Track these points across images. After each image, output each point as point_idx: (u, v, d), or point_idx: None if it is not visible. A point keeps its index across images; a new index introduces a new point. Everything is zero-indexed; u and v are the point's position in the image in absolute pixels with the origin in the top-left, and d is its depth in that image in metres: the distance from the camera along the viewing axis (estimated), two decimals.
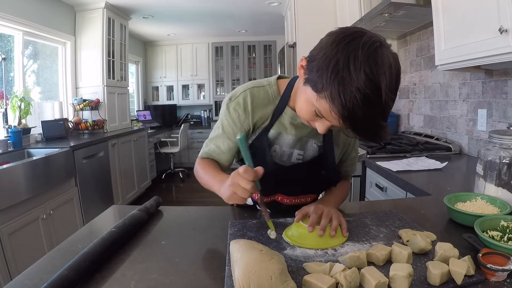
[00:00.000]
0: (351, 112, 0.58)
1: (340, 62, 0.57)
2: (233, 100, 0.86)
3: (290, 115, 0.85)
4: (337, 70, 0.57)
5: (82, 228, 0.93)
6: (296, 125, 0.86)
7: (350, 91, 0.56)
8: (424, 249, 0.67)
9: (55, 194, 2.50)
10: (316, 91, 0.62)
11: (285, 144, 0.88)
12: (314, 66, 0.62)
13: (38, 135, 3.14)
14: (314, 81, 0.62)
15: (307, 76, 0.65)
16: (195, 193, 4.65)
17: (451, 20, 1.53)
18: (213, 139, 0.91)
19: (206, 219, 0.96)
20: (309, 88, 0.64)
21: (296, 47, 3.31)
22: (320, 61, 0.61)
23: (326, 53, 0.60)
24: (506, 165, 0.91)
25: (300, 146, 0.89)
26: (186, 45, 6.09)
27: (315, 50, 0.64)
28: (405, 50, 2.64)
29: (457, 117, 2.04)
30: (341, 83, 0.57)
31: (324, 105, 0.61)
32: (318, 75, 0.60)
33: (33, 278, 0.64)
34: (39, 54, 3.51)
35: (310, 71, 0.63)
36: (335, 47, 0.59)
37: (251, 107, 0.84)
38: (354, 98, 0.56)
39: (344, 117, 0.59)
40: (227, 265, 0.66)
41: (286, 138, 0.88)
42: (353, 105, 0.57)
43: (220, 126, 0.89)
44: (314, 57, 0.63)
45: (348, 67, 0.56)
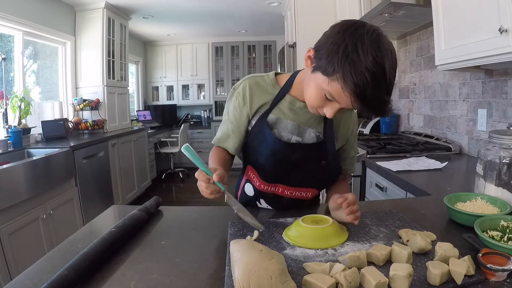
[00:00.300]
0: (362, 90, 0.65)
1: (349, 46, 0.65)
2: (236, 89, 0.97)
3: (289, 101, 0.92)
4: (346, 53, 0.65)
5: (82, 228, 0.93)
6: (294, 110, 0.92)
7: (360, 71, 0.64)
8: (424, 249, 0.67)
9: (55, 194, 2.50)
10: (327, 75, 0.69)
11: (283, 129, 0.93)
12: (323, 54, 0.70)
13: (38, 135, 3.14)
14: (325, 66, 0.69)
15: (316, 64, 0.73)
16: (195, 193, 4.63)
17: (451, 20, 1.53)
18: (221, 126, 1.01)
19: (206, 219, 0.96)
20: (319, 74, 0.72)
21: (296, 47, 3.31)
22: (329, 48, 0.69)
23: (334, 40, 0.68)
24: (506, 165, 0.91)
25: (298, 133, 0.94)
26: (186, 45, 6.09)
27: (322, 41, 0.72)
28: (405, 50, 2.64)
29: (457, 117, 2.04)
30: (352, 64, 0.65)
31: (336, 87, 0.68)
32: (328, 60, 0.68)
33: (33, 278, 0.64)
34: (39, 54, 3.51)
35: (319, 59, 0.71)
36: (342, 35, 0.67)
37: (249, 94, 0.93)
38: (364, 77, 0.64)
39: (356, 95, 0.66)
40: (227, 265, 0.66)
41: (285, 123, 0.93)
42: (364, 83, 0.64)
43: (226, 113, 1.00)
44: (321, 46, 0.71)
45: (357, 51, 0.65)
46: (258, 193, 1.01)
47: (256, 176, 0.98)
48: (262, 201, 1.03)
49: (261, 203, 1.04)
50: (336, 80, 0.68)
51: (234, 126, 0.97)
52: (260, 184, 0.99)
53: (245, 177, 1.03)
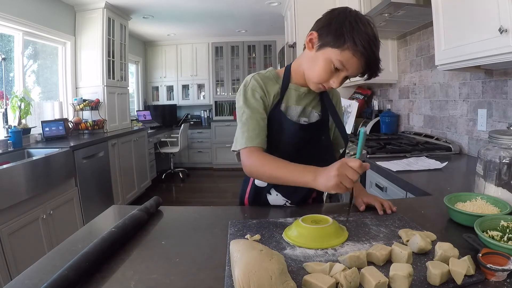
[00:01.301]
0: (368, 50, 0.84)
1: (352, 22, 0.84)
2: (248, 85, 0.99)
3: (294, 88, 1.02)
4: (352, 27, 0.84)
5: (82, 228, 0.93)
6: (300, 96, 1.02)
7: (364, 37, 0.84)
8: (424, 249, 0.67)
9: (55, 194, 2.50)
10: (338, 46, 0.85)
11: (294, 114, 1.02)
12: (330, 31, 0.86)
13: (38, 135, 3.14)
14: (333, 40, 0.85)
15: (324, 41, 0.88)
16: (195, 193, 4.65)
17: (451, 20, 1.53)
18: (245, 124, 0.94)
19: (206, 219, 0.96)
20: (328, 49, 0.87)
21: (296, 47, 3.31)
22: (334, 26, 0.86)
23: (337, 20, 0.86)
24: (506, 165, 0.91)
25: (305, 115, 1.04)
26: (186, 45, 6.08)
27: (323, 23, 0.89)
28: (405, 50, 2.64)
29: (457, 117, 2.04)
30: (358, 33, 0.83)
31: (347, 54, 0.85)
32: (337, 34, 0.85)
33: (33, 278, 0.64)
34: (39, 54, 3.51)
35: (326, 36, 0.87)
36: (343, 15, 0.87)
37: (264, 86, 0.99)
38: (368, 40, 0.84)
39: (364, 55, 0.84)
40: (227, 265, 0.66)
41: (294, 110, 1.02)
42: (369, 45, 0.84)
43: (245, 110, 0.96)
44: (325, 27, 0.88)
45: (358, 24, 0.84)
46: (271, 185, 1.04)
47: None
48: (273, 190, 1.05)
49: (271, 193, 1.05)
50: (347, 49, 0.84)
51: (261, 120, 0.96)
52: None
53: None
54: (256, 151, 0.92)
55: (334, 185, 0.73)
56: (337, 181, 0.73)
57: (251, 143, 0.91)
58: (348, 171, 0.73)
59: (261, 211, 1.02)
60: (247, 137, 0.92)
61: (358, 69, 0.88)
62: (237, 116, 1.00)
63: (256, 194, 1.08)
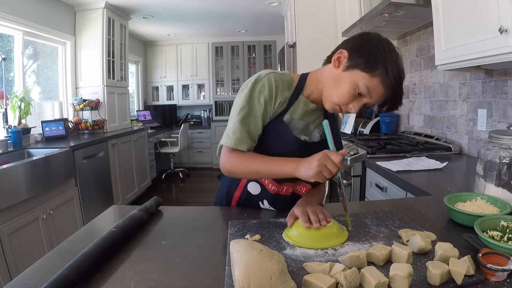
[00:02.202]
0: (396, 82, 0.82)
1: (385, 50, 0.82)
2: (258, 82, 0.91)
3: (304, 102, 0.95)
4: (385, 54, 0.82)
5: (82, 228, 0.93)
6: (307, 111, 0.96)
7: (395, 68, 0.82)
8: (424, 249, 0.67)
9: (55, 194, 2.50)
10: (368, 71, 0.82)
11: (296, 129, 0.96)
12: (363, 54, 0.83)
13: (38, 135, 3.14)
14: (365, 64, 0.82)
15: (353, 63, 0.84)
16: (195, 193, 4.65)
17: (451, 20, 1.53)
18: (242, 121, 0.90)
19: (206, 219, 0.96)
20: (357, 71, 0.83)
21: (296, 47, 3.31)
22: (367, 49, 0.83)
23: (370, 44, 0.84)
24: (506, 165, 0.91)
25: (306, 132, 0.98)
26: (186, 45, 6.08)
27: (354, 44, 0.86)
28: (405, 50, 2.64)
29: (457, 117, 2.04)
30: (390, 62, 0.81)
31: (376, 81, 0.82)
32: (369, 58, 0.82)
33: (33, 278, 0.64)
34: (39, 54, 3.51)
35: (357, 57, 0.83)
36: (375, 41, 0.84)
37: (275, 90, 0.92)
38: (398, 72, 0.82)
39: (393, 87, 0.82)
40: (227, 265, 0.66)
41: (297, 123, 0.96)
42: (398, 77, 0.82)
43: (245, 107, 0.91)
44: (357, 49, 0.84)
45: (390, 53, 0.82)
46: (265, 193, 1.01)
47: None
48: (265, 202, 1.03)
49: (263, 203, 1.04)
50: (377, 76, 0.81)
51: (256, 124, 0.91)
52: (268, 183, 0.99)
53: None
54: (236, 151, 0.90)
55: (315, 174, 0.76)
56: (317, 171, 0.76)
57: (240, 146, 0.89)
58: (329, 163, 0.76)
59: (261, 211, 1.02)
60: (238, 139, 0.89)
61: (381, 98, 0.85)
62: (234, 104, 0.94)
63: (247, 200, 1.05)
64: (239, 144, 0.88)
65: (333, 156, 0.77)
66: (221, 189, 1.11)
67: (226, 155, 0.91)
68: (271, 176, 0.90)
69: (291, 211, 0.87)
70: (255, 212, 1.01)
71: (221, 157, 0.92)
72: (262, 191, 1.02)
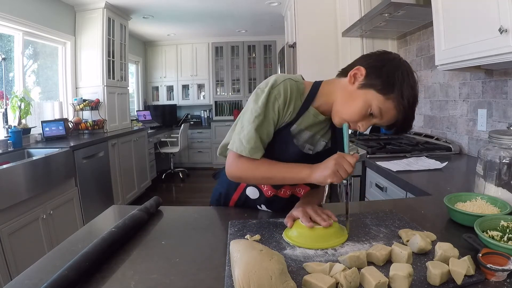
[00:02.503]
0: (410, 108, 0.81)
1: (404, 74, 0.81)
2: (274, 88, 0.88)
3: (313, 114, 0.92)
4: (403, 79, 0.80)
5: (82, 228, 0.93)
6: (315, 122, 0.93)
7: (411, 93, 0.81)
8: (424, 249, 0.67)
9: (55, 194, 2.50)
10: (384, 93, 0.80)
11: (302, 139, 0.93)
12: (381, 75, 0.81)
13: (38, 135, 3.14)
14: (381, 85, 0.80)
15: (370, 82, 0.82)
16: (195, 193, 4.65)
17: (451, 20, 1.53)
18: (257, 130, 0.86)
19: (206, 219, 0.96)
20: (371, 91, 0.82)
21: (296, 47, 3.31)
22: (386, 70, 0.81)
23: (390, 65, 0.82)
24: (506, 165, 0.91)
25: (312, 142, 0.96)
26: (186, 45, 6.08)
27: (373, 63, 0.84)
28: (405, 50, 2.64)
29: (457, 117, 2.04)
30: (407, 87, 0.80)
31: (389, 105, 0.81)
32: (387, 81, 0.80)
33: (33, 278, 0.64)
34: (39, 54, 3.51)
35: (375, 78, 0.82)
36: (395, 63, 0.83)
37: (289, 98, 0.88)
38: (414, 98, 0.82)
39: (405, 112, 0.81)
40: (227, 265, 0.66)
41: (303, 134, 0.93)
42: (413, 103, 0.82)
43: (261, 115, 0.86)
44: (376, 68, 0.82)
45: (409, 77, 0.81)
46: (263, 198, 1.01)
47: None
48: (263, 206, 1.03)
49: (261, 206, 1.04)
50: (391, 99, 0.80)
51: (269, 132, 0.88)
52: (267, 190, 0.99)
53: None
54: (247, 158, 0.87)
55: (331, 173, 0.77)
56: (334, 170, 0.77)
57: (254, 155, 0.85)
58: (345, 163, 0.78)
59: (261, 212, 1.02)
60: (253, 148, 0.85)
61: (392, 121, 0.84)
62: (249, 108, 0.89)
63: (245, 202, 1.04)
64: (253, 153, 0.85)
65: (348, 157, 0.79)
66: (218, 189, 1.10)
67: (235, 161, 0.88)
68: (284, 182, 0.89)
69: (290, 213, 0.87)
70: (255, 212, 1.01)
71: (229, 162, 0.89)
72: (260, 196, 1.01)
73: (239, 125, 0.90)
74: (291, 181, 0.86)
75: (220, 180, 1.10)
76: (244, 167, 0.87)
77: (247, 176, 0.89)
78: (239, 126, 0.90)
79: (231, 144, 0.89)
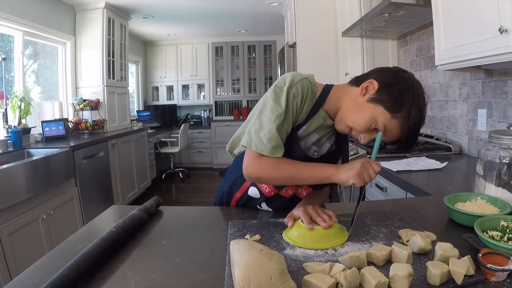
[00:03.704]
0: (415, 129, 0.83)
1: (415, 95, 0.82)
2: (292, 87, 0.87)
3: (323, 117, 0.92)
4: (413, 99, 0.81)
5: (82, 228, 0.93)
6: (323, 126, 0.93)
7: (418, 115, 0.82)
8: (424, 249, 0.67)
9: (55, 194, 2.50)
10: (392, 112, 0.81)
11: (309, 141, 0.93)
12: (392, 92, 0.82)
13: (38, 135, 3.14)
14: (390, 103, 0.81)
15: (380, 98, 0.83)
16: (195, 193, 4.65)
17: (451, 20, 1.53)
18: (279, 129, 0.85)
19: (206, 219, 0.96)
20: (380, 107, 0.83)
21: (296, 47, 3.31)
22: (398, 88, 0.82)
23: (403, 84, 0.83)
24: (506, 165, 0.91)
25: (318, 144, 0.96)
26: (186, 45, 6.08)
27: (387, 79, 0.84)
28: (405, 50, 2.64)
29: (457, 117, 2.04)
30: (415, 109, 0.81)
31: (395, 123, 0.82)
32: (396, 99, 0.81)
33: (33, 278, 0.64)
34: (39, 54, 3.51)
35: (385, 95, 0.82)
36: (409, 82, 0.83)
37: (305, 98, 0.88)
38: (420, 119, 0.83)
39: (410, 133, 0.83)
40: (227, 265, 0.66)
41: (311, 136, 0.93)
42: (418, 124, 0.83)
43: (282, 114, 0.85)
44: (388, 84, 0.83)
45: (419, 99, 0.82)
46: (264, 198, 1.01)
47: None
48: (264, 204, 1.03)
49: (261, 206, 1.04)
50: (398, 118, 0.81)
51: (287, 129, 0.87)
52: (270, 191, 0.98)
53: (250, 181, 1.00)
54: (268, 157, 0.84)
55: (356, 174, 0.78)
56: (359, 172, 0.78)
57: (275, 154, 0.84)
58: (370, 168, 0.80)
59: (261, 212, 1.02)
60: (274, 147, 0.83)
61: (395, 138, 0.86)
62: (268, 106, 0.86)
63: (247, 201, 1.04)
64: (274, 152, 0.84)
65: (374, 164, 0.82)
66: (223, 187, 1.10)
67: (255, 161, 0.85)
68: (307, 182, 0.86)
69: (291, 212, 0.87)
70: (255, 212, 1.01)
71: (249, 162, 0.86)
72: (261, 196, 1.01)
73: (257, 123, 0.87)
74: (315, 180, 0.84)
75: (226, 178, 1.10)
76: (266, 167, 0.84)
77: (270, 176, 0.86)
78: (257, 124, 0.87)
79: (248, 143, 0.86)
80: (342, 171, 0.81)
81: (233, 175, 1.04)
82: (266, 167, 0.84)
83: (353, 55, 2.84)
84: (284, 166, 0.85)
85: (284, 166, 0.85)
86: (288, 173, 0.85)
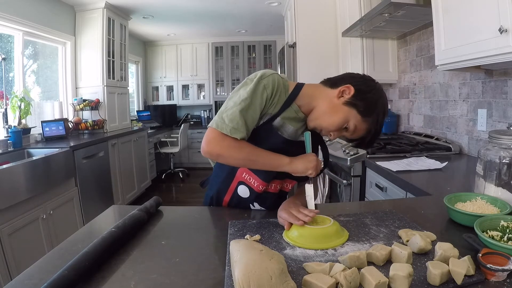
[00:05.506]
0: (379, 131, 0.96)
1: (383, 104, 0.94)
2: (264, 79, 0.93)
3: (295, 109, 0.98)
4: (382, 108, 0.93)
5: (82, 228, 0.93)
6: (296, 118, 0.99)
7: (382, 120, 0.94)
8: (424, 249, 0.67)
9: (55, 194, 2.50)
10: (363, 115, 0.92)
11: (285, 133, 0.99)
12: (366, 99, 0.92)
13: (38, 135, 3.14)
14: (363, 108, 0.92)
15: (354, 102, 0.92)
16: (195, 193, 4.65)
17: (451, 20, 1.53)
18: (242, 112, 0.88)
19: (206, 219, 0.96)
20: (353, 111, 0.92)
21: (296, 47, 3.30)
22: (371, 97, 0.92)
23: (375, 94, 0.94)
24: (506, 165, 0.91)
25: (294, 136, 1.01)
26: (186, 45, 6.08)
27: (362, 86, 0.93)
28: (405, 50, 2.64)
29: (457, 117, 2.04)
30: (381, 115, 0.93)
31: (365, 125, 0.93)
32: (369, 106, 0.92)
33: (33, 278, 0.64)
34: (39, 54, 3.51)
35: (359, 100, 0.92)
36: (379, 93, 0.95)
37: (276, 90, 0.94)
38: (381, 124, 0.95)
39: (375, 134, 0.95)
40: (227, 265, 0.66)
41: (287, 128, 0.99)
42: (381, 127, 0.95)
43: (247, 99, 0.89)
44: (363, 92, 0.93)
45: (385, 107, 0.94)
46: (255, 195, 1.01)
47: (254, 177, 0.98)
48: (256, 204, 1.04)
49: (254, 205, 1.04)
50: (367, 122, 0.92)
51: (254, 117, 0.90)
52: (258, 185, 0.99)
53: (237, 179, 1.02)
54: (230, 137, 0.87)
55: (314, 166, 0.89)
56: (315, 165, 0.89)
57: (234, 134, 0.86)
58: (319, 164, 0.91)
59: (260, 211, 1.02)
60: (235, 127, 0.86)
61: (359, 138, 0.96)
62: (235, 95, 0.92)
63: (238, 203, 1.05)
64: (234, 132, 0.86)
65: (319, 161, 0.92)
66: (209, 194, 1.10)
67: (217, 139, 0.87)
68: (264, 166, 0.91)
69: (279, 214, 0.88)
70: (255, 212, 1.01)
71: (209, 140, 0.87)
72: (251, 194, 1.02)
73: (223, 106, 0.92)
74: (270, 166, 0.91)
75: (210, 185, 1.11)
76: (229, 146, 0.87)
77: (230, 154, 0.87)
78: (223, 107, 0.92)
79: (211, 122, 0.89)
80: (298, 162, 0.89)
81: (218, 179, 1.06)
82: (228, 146, 0.87)
83: (353, 55, 2.84)
84: (245, 148, 0.89)
85: (245, 148, 0.89)
86: (248, 156, 0.89)
